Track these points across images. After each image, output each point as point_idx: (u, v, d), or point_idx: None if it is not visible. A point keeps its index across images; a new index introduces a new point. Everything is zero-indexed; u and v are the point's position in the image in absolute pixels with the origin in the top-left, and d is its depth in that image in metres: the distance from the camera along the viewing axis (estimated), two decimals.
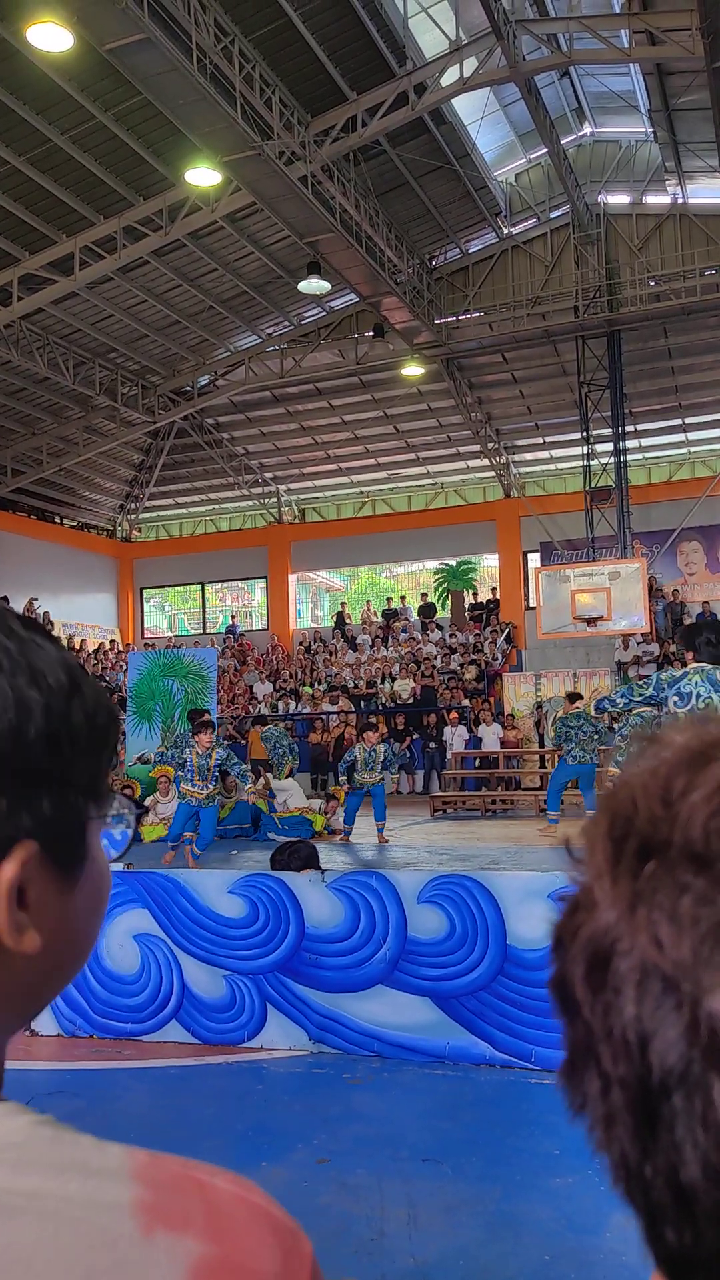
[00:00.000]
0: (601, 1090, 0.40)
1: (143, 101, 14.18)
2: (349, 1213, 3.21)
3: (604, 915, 0.40)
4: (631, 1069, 0.38)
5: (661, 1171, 0.38)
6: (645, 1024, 0.38)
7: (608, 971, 0.40)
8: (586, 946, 0.41)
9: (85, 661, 24.35)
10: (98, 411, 23.11)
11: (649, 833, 0.41)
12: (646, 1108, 0.38)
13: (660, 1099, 0.37)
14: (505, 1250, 2.98)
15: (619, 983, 0.39)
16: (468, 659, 23.19)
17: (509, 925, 4.67)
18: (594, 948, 0.40)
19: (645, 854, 0.40)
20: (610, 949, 0.40)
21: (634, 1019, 0.38)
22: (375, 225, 18.58)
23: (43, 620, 24.34)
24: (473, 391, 23.82)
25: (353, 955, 4.87)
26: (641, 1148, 0.38)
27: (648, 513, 23.27)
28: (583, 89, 18.82)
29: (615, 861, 0.41)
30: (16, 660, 0.56)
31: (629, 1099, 0.39)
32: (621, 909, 0.40)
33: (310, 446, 26.57)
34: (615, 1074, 0.39)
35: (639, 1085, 0.38)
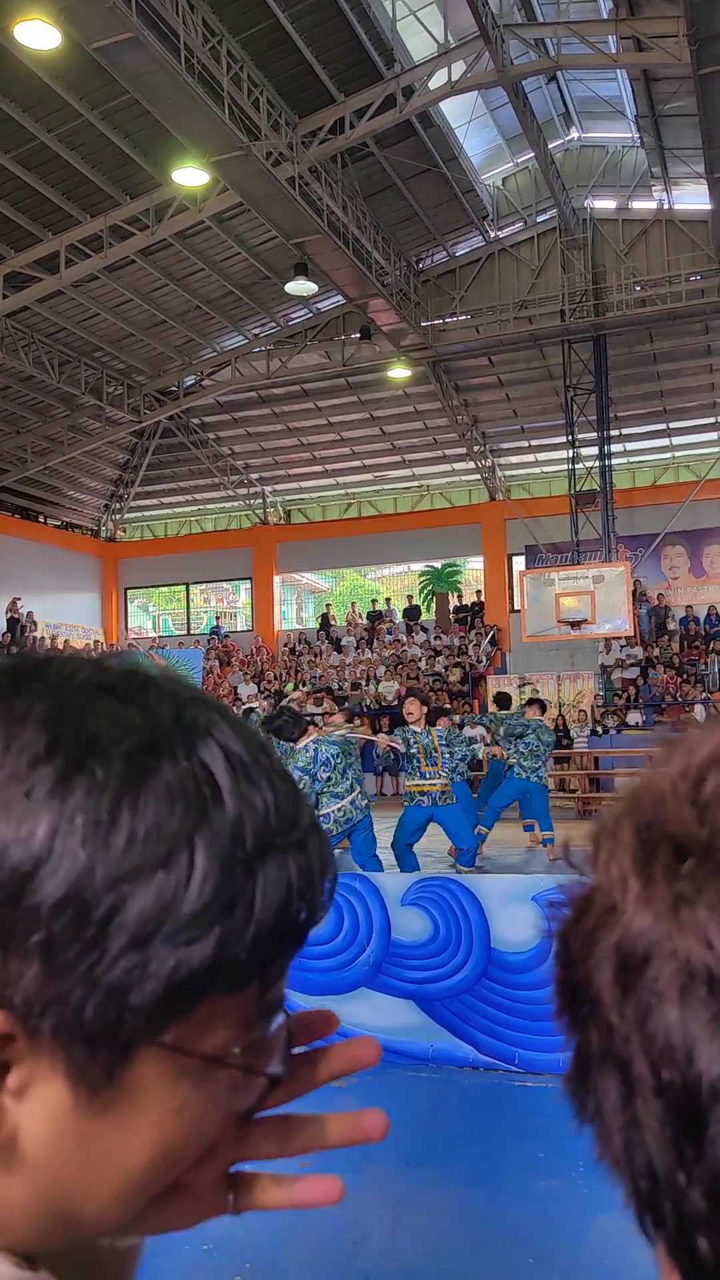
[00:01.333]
0: (624, 1097, 0.39)
1: (130, 100, 14.14)
2: (331, 1217, 3.20)
3: (635, 918, 0.39)
4: (676, 1074, 0.37)
5: (701, 1180, 0.37)
6: (691, 1027, 0.37)
7: (643, 975, 0.38)
8: (616, 950, 0.40)
9: None
10: (83, 410, 23.03)
11: (683, 834, 0.40)
12: (689, 1115, 0.37)
13: (710, 1105, 0.36)
14: (489, 1254, 2.97)
15: (661, 987, 0.38)
16: (452, 661, 23.22)
17: (493, 928, 4.67)
18: (626, 951, 0.39)
19: (681, 856, 0.39)
20: (647, 952, 0.39)
21: (679, 1023, 0.37)
22: (362, 227, 18.60)
23: (26, 621, 24.25)
24: (459, 394, 23.86)
25: (336, 958, 4.85)
26: (677, 1156, 0.37)
27: (632, 517, 23.36)
28: (570, 94, 18.89)
29: (646, 863, 0.40)
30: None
31: (668, 1105, 0.37)
32: (660, 911, 0.39)
33: (296, 448, 26.56)
34: (652, 1081, 0.38)
35: (683, 1091, 0.37)
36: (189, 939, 0.45)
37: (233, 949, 0.46)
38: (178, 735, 0.48)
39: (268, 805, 0.48)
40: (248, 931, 0.47)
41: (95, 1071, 0.45)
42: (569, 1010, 0.42)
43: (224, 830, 0.46)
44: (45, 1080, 0.45)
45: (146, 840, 0.45)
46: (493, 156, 20.36)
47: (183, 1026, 0.47)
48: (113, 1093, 0.46)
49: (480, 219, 21.11)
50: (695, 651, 21.87)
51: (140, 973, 0.44)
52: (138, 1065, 0.46)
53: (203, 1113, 0.49)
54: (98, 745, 0.46)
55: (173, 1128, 0.48)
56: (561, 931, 0.43)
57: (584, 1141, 0.42)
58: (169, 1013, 0.46)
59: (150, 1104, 0.47)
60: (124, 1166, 0.48)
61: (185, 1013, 0.46)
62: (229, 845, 0.46)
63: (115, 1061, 0.46)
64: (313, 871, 0.50)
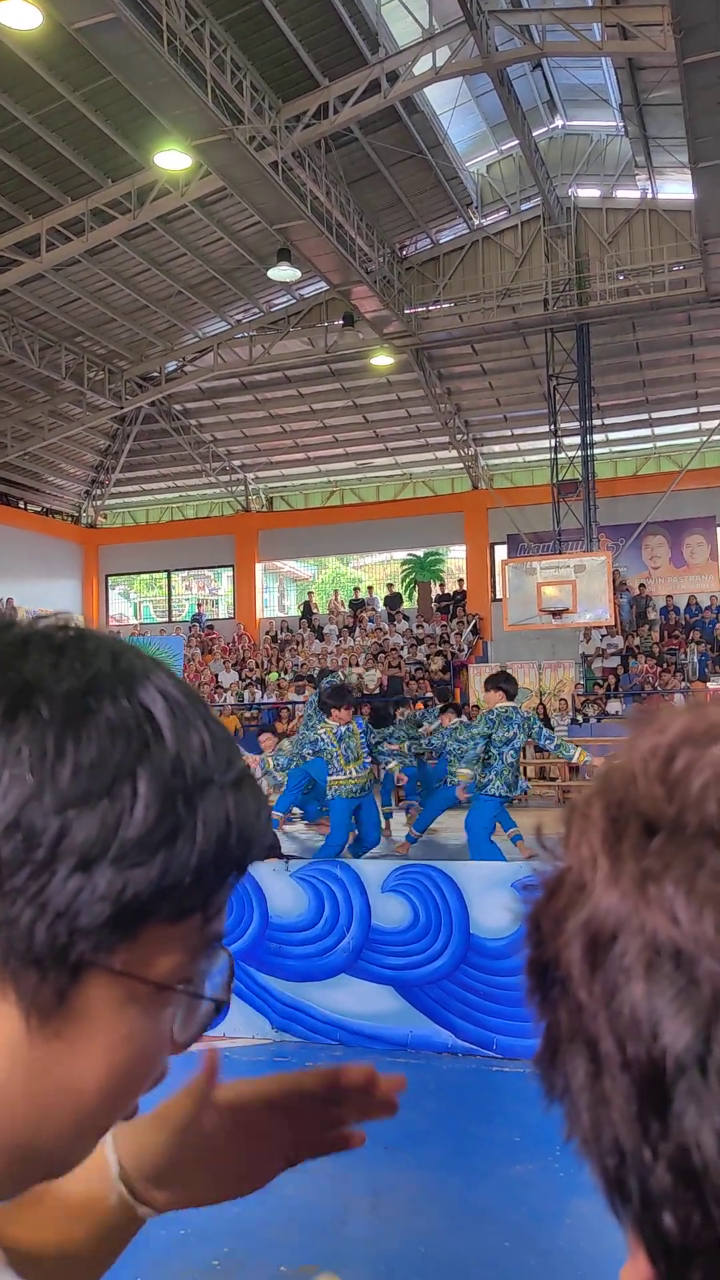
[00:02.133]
0: (591, 1074, 0.39)
1: (112, 82, 13.99)
2: (311, 1201, 3.22)
3: (603, 896, 0.40)
4: (641, 1049, 0.37)
5: (666, 1155, 0.37)
6: (657, 1003, 0.37)
7: (611, 952, 0.39)
8: (585, 928, 0.40)
9: None
10: (63, 396, 22.86)
11: (652, 812, 0.40)
12: (655, 1089, 0.37)
13: (675, 1080, 0.37)
14: (466, 1237, 3.00)
15: (627, 962, 0.38)
16: (434, 650, 23.25)
17: (472, 915, 4.69)
18: (594, 928, 0.40)
19: (650, 833, 0.40)
20: (615, 928, 0.39)
21: (644, 998, 0.37)
22: (346, 213, 18.51)
23: (5, 608, 24.08)
24: (442, 382, 23.83)
25: (316, 944, 4.87)
26: (643, 1131, 0.38)
27: (614, 506, 23.42)
28: (555, 81, 18.83)
29: (615, 841, 0.40)
30: None
31: (634, 1081, 0.38)
32: (627, 887, 0.39)
33: (278, 435, 26.47)
34: (619, 1056, 0.38)
35: (649, 1066, 0.37)
36: (134, 863, 0.47)
37: (176, 875, 0.48)
38: (116, 679, 0.50)
39: (204, 744, 0.51)
40: (190, 859, 0.49)
41: (45, 995, 0.47)
42: (540, 990, 0.43)
43: (164, 764, 0.49)
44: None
45: (91, 770, 0.47)
46: (477, 144, 20.30)
47: (130, 952, 0.48)
48: (64, 1019, 0.47)
49: (464, 206, 21.06)
50: (675, 641, 21.99)
51: (88, 895, 0.46)
52: (87, 990, 0.48)
53: (151, 1040, 0.51)
54: (40, 686, 0.48)
55: (123, 1054, 0.50)
56: (532, 913, 0.44)
57: (560, 1125, 0.43)
58: (117, 936, 0.47)
59: (100, 1030, 0.48)
60: (77, 1093, 0.49)
61: (132, 936, 0.48)
62: (170, 778, 0.49)
63: (65, 985, 0.47)
64: (248, 807, 0.52)
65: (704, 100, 13.88)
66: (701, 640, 21.35)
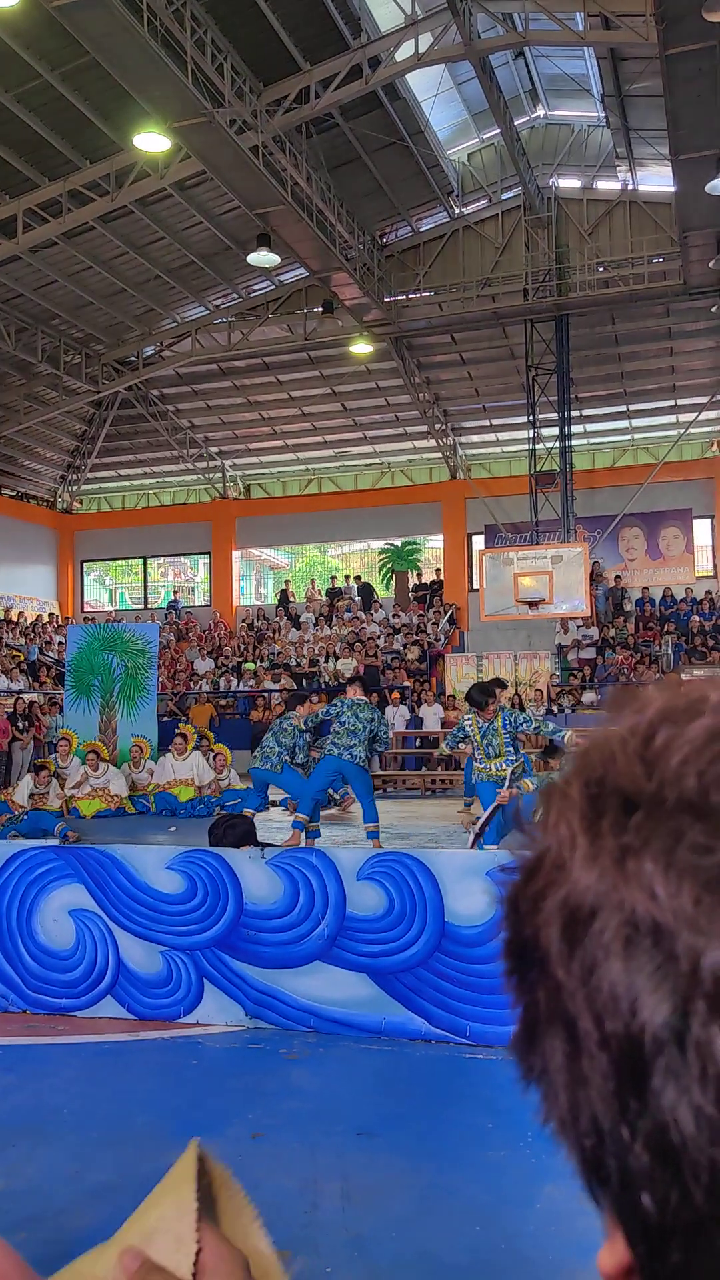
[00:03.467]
0: (569, 1054, 0.39)
1: (91, 62, 13.83)
2: (283, 1187, 3.22)
3: (581, 875, 0.39)
4: (619, 1026, 0.37)
5: (644, 1133, 0.37)
6: (636, 979, 0.37)
7: (590, 929, 0.38)
8: (563, 906, 0.40)
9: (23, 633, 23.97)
10: (39, 379, 22.65)
11: (632, 788, 0.40)
12: (633, 1067, 0.37)
13: (653, 1057, 0.36)
14: (438, 1222, 3.01)
15: (605, 939, 0.38)
16: (410, 639, 23.27)
17: (447, 902, 4.71)
18: (573, 906, 0.39)
19: (629, 810, 0.39)
20: (594, 906, 0.39)
21: (623, 975, 0.37)
22: (326, 199, 18.42)
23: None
24: (421, 371, 23.80)
25: (291, 932, 4.87)
26: (620, 1110, 0.37)
27: (591, 498, 23.50)
28: (537, 70, 18.79)
29: (594, 819, 0.40)
30: None
31: (612, 1059, 0.37)
32: (606, 864, 0.39)
33: (257, 422, 26.36)
34: (597, 1034, 0.38)
35: (627, 1043, 0.37)
36: None
37: None
38: None
39: None
40: None
41: None
42: (517, 972, 0.42)
43: None
44: None
45: None
46: (458, 131, 20.24)
47: None
48: None
49: (445, 194, 21.00)
50: (650, 633, 22.12)
51: None
52: None
53: None
54: None
55: None
56: (510, 894, 0.43)
57: (532, 1112, 0.42)
58: None
59: None
60: None
61: None
62: None
63: None
64: None
65: (685, 92, 13.90)
66: (676, 632, 21.49)
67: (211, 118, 13.90)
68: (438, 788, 16.52)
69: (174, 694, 22.08)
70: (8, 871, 5.29)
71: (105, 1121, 3.80)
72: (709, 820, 0.37)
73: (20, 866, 5.27)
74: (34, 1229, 2.97)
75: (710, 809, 0.38)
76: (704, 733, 0.40)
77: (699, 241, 18.19)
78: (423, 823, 11.96)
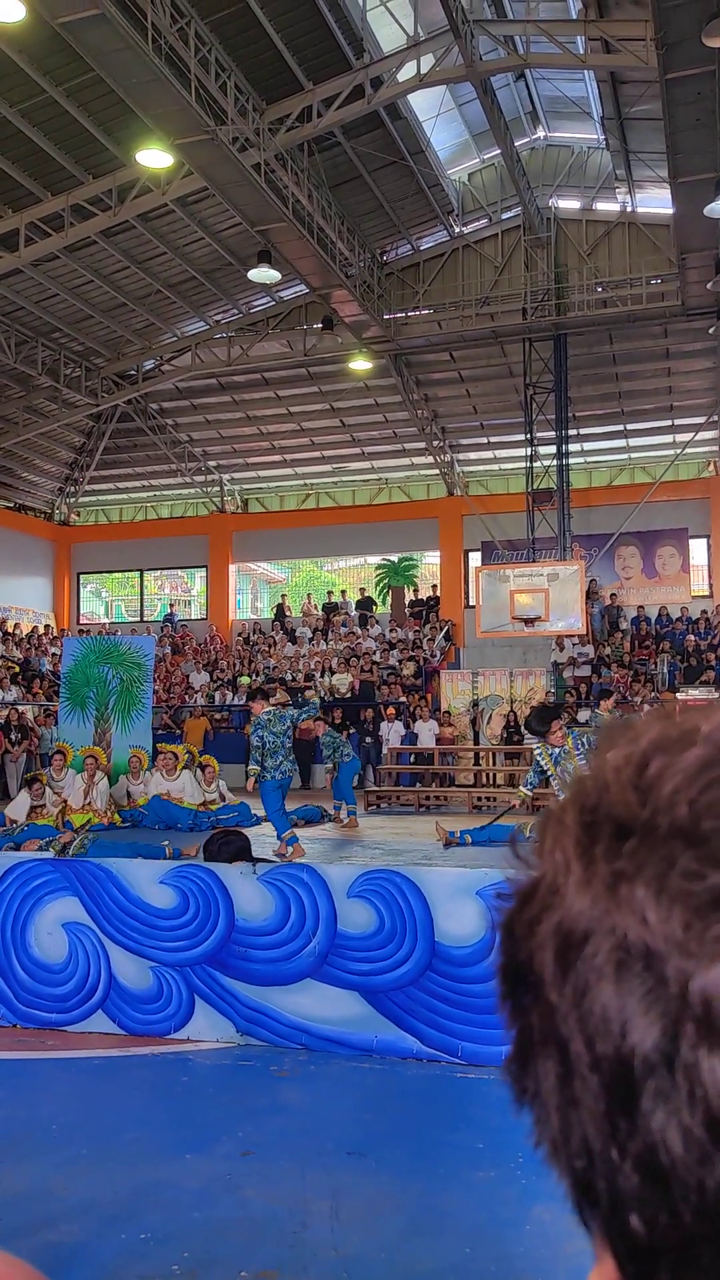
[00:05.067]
0: (561, 1077, 0.40)
1: (95, 78, 13.93)
2: (272, 1205, 3.20)
3: (575, 901, 0.40)
4: (610, 1049, 0.38)
5: (634, 1154, 0.37)
6: (627, 1002, 0.37)
7: (582, 954, 0.39)
8: (557, 931, 0.40)
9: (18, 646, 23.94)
10: (39, 392, 22.71)
11: (625, 815, 0.40)
12: (623, 1089, 0.37)
13: (643, 1079, 0.37)
14: (427, 1244, 2.99)
15: (598, 963, 0.39)
16: (406, 655, 23.27)
17: (437, 921, 4.69)
18: (566, 931, 0.40)
19: (622, 837, 0.40)
20: (586, 930, 0.39)
21: (614, 998, 0.38)
22: (327, 217, 18.53)
23: None
24: (419, 388, 23.89)
25: (282, 948, 4.85)
26: (610, 1132, 0.38)
27: (588, 516, 23.57)
28: (538, 92, 18.96)
29: (588, 846, 0.41)
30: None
31: (603, 1081, 0.38)
32: (599, 890, 0.39)
33: (255, 436, 26.43)
34: (588, 1056, 0.38)
35: (617, 1066, 0.37)
36: None
37: None
38: None
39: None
40: None
41: None
42: (511, 996, 0.43)
43: None
44: None
45: None
46: (459, 152, 20.39)
47: None
48: None
49: (445, 214, 21.14)
50: (646, 651, 22.14)
51: None
52: None
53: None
54: None
55: None
56: (505, 920, 0.44)
57: (523, 1133, 0.42)
58: None
59: None
60: None
61: None
62: None
63: None
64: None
65: (684, 115, 14.02)
66: (671, 651, 21.52)
67: (214, 135, 13.99)
68: (432, 804, 16.49)
69: (169, 707, 22.04)
70: (5, 883, 5.27)
71: (94, 1137, 3.77)
72: (700, 847, 0.38)
73: (17, 879, 5.25)
74: (19, 1243, 2.95)
75: (701, 836, 0.38)
76: (696, 762, 0.40)
77: (697, 263, 18.30)
78: (416, 839, 11.94)
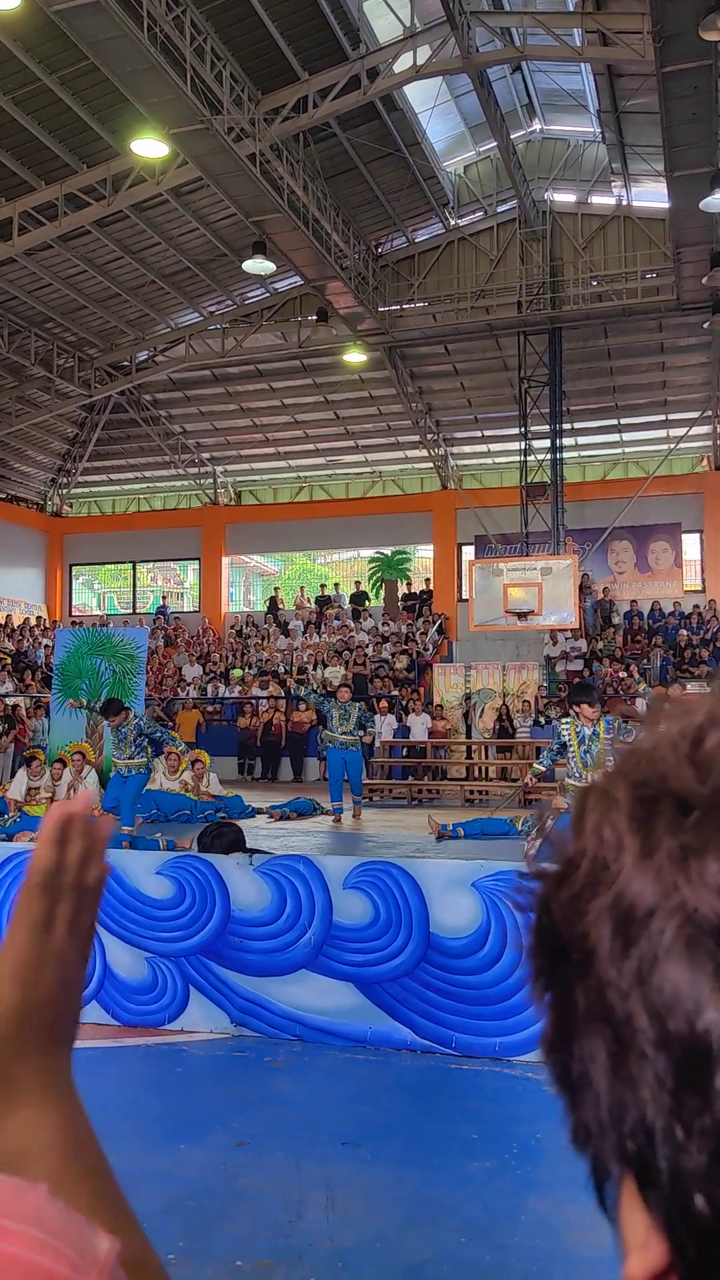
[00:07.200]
0: (615, 1055, 0.39)
1: (90, 67, 13.86)
2: (267, 1196, 3.20)
3: (635, 875, 0.39)
4: (681, 1026, 0.37)
5: (703, 1132, 0.37)
6: (699, 979, 0.37)
7: (647, 929, 0.38)
8: (614, 908, 0.40)
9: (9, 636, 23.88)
10: (32, 382, 22.61)
11: (685, 790, 0.40)
12: (694, 1066, 0.37)
13: (719, 1055, 0.36)
14: (422, 1234, 3.00)
15: (666, 940, 0.38)
16: (399, 648, 23.28)
17: (432, 913, 4.70)
18: (625, 907, 0.39)
19: (684, 811, 0.40)
20: (650, 906, 0.39)
21: (686, 975, 0.37)
22: (323, 208, 18.46)
23: None
24: (414, 381, 23.85)
25: (277, 939, 4.85)
26: (677, 1110, 0.37)
27: (581, 510, 23.58)
28: (534, 85, 18.91)
29: (645, 820, 0.40)
30: None
31: (672, 1058, 0.37)
32: (664, 864, 0.39)
33: (249, 428, 26.37)
34: (654, 1034, 0.38)
35: (690, 1043, 0.37)
36: None
37: None
38: None
39: None
40: None
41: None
42: (549, 974, 0.42)
43: None
44: None
45: None
46: (455, 144, 20.33)
47: None
48: None
49: (441, 206, 21.09)
50: (638, 645, 22.18)
51: None
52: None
53: None
54: None
55: None
56: (542, 897, 0.43)
57: (518, 1124, 0.42)
58: None
59: None
60: None
61: None
62: None
63: None
64: None
65: (681, 109, 14.00)
66: (664, 645, 21.56)
67: (209, 125, 13.93)
68: (424, 797, 16.51)
69: (161, 699, 22.01)
70: (3, 872, 5.26)
71: None
72: None
73: (15, 869, 5.24)
74: None
75: None
76: None
77: (692, 257, 18.29)
78: (409, 832, 11.95)
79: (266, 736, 20.05)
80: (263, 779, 19.75)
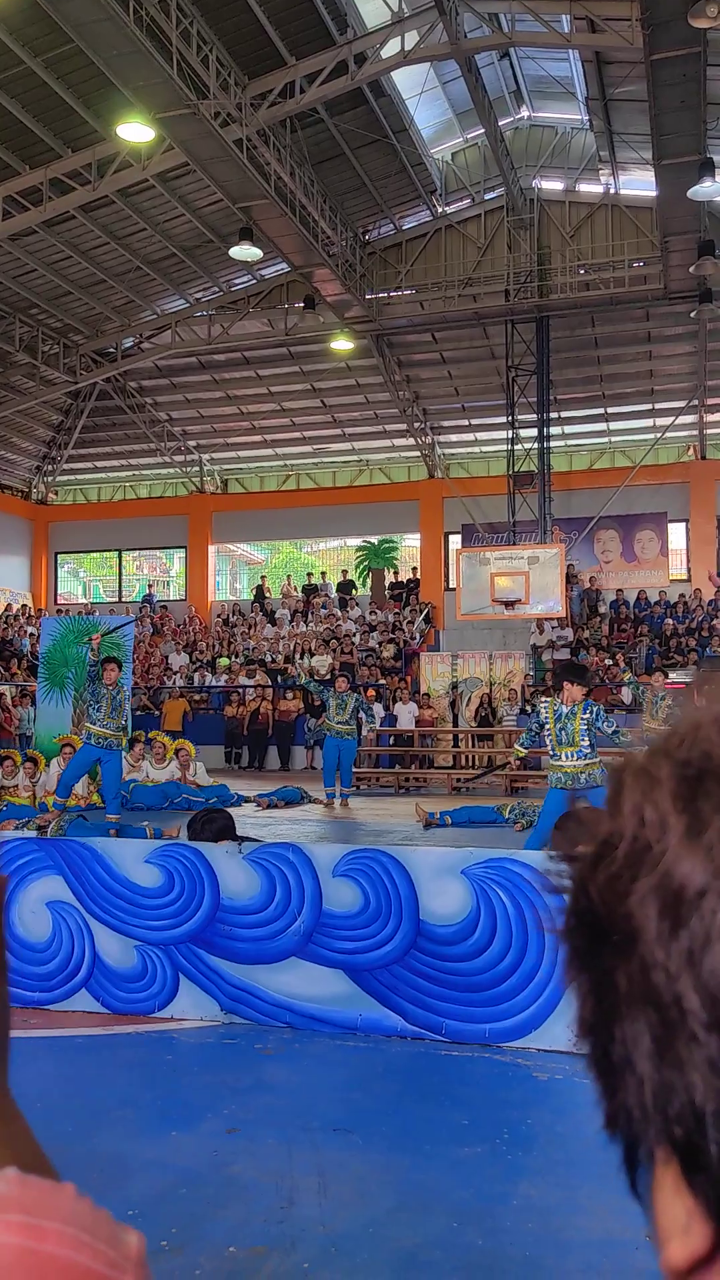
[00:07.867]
0: (661, 1037, 0.38)
1: (75, 50, 13.73)
2: (258, 1182, 3.21)
3: (683, 855, 0.39)
4: None
5: None
6: None
7: (698, 911, 0.38)
8: (660, 888, 0.39)
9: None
10: (16, 369, 22.45)
11: None
12: None
13: None
14: (414, 1219, 3.01)
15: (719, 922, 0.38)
16: (386, 637, 23.28)
17: (421, 900, 4.71)
18: (674, 888, 0.39)
19: None
20: (701, 887, 0.38)
21: None
22: (310, 194, 18.37)
23: None
24: (401, 370, 23.80)
25: (267, 927, 4.85)
26: None
27: (568, 500, 23.60)
28: (522, 72, 18.84)
29: (691, 799, 0.40)
30: None
31: None
32: (716, 844, 0.38)
33: (235, 416, 26.27)
34: (706, 1016, 0.37)
35: None
36: None
37: None
38: None
39: None
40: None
41: None
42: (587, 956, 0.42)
43: None
44: None
45: None
46: (443, 130, 20.25)
47: None
48: None
49: (428, 193, 21.01)
50: (624, 634, 22.25)
51: None
52: None
53: None
54: None
55: None
56: (579, 878, 0.42)
57: (509, 1109, 0.42)
58: None
59: None
60: None
61: None
62: None
63: None
64: None
65: (669, 97, 13.98)
66: (650, 635, 21.63)
67: (196, 109, 13.83)
68: (411, 786, 16.55)
69: (147, 688, 21.96)
70: None
71: (77, 1116, 3.77)
72: None
73: (3, 857, 5.22)
74: None
75: None
76: None
77: (680, 246, 18.29)
78: (397, 820, 11.97)
79: (253, 725, 20.03)
80: (250, 768, 19.74)
